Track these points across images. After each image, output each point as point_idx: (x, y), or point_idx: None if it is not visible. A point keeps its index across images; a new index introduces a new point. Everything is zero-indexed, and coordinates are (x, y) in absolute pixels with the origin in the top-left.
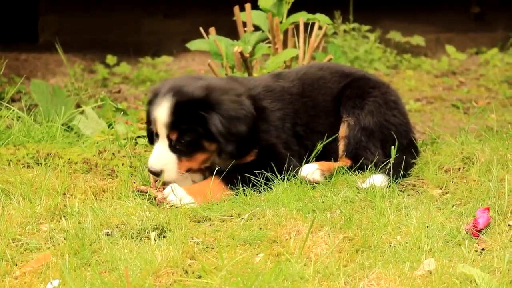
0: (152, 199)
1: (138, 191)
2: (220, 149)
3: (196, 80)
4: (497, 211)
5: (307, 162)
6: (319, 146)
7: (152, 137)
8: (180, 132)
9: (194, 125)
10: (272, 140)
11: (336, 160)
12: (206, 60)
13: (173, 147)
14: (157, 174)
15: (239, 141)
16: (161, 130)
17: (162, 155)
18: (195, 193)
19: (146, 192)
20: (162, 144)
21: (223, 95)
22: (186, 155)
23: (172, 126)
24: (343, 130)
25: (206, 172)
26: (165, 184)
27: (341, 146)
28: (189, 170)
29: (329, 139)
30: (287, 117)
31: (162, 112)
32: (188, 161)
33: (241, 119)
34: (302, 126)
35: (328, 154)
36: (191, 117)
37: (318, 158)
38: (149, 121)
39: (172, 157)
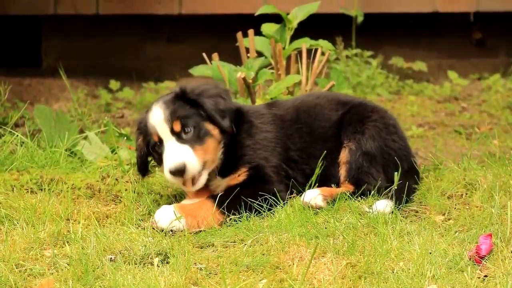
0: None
1: None
2: (220, 128)
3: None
4: (500, 237)
5: (309, 188)
6: (317, 171)
7: (145, 165)
8: (182, 120)
9: (190, 110)
10: (260, 161)
11: (336, 186)
12: None
13: (181, 140)
14: (181, 171)
15: (232, 120)
16: (164, 128)
17: (176, 151)
18: (187, 212)
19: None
20: (170, 143)
21: (195, 84)
22: (197, 142)
23: (172, 117)
24: (344, 156)
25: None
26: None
27: (343, 171)
28: (205, 164)
29: (320, 159)
30: (278, 141)
31: (157, 114)
32: (202, 149)
33: (221, 95)
34: (296, 151)
35: (328, 179)
36: (183, 105)
37: (318, 184)
38: (148, 143)
39: (186, 148)
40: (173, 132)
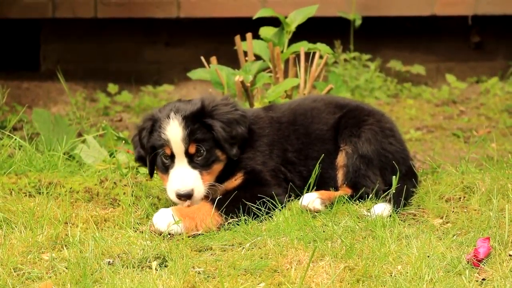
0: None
1: None
2: (227, 154)
3: (187, 100)
4: (498, 240)
5: (307, 191)
6: (315, 174)
7: (153, 167)
8: (197, 143)
9: (206, 134)
10: (256, 166)
11: (334, 188)
12: (207, 89)
13: (193, 163)
14: (189, 195)
15: (240, 145)
16: (179, 148)
17: (186, 175)
18: (185, 214)
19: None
20: (181, 164)
21: (215, 100)
22: (206, 168)
23: (189, 139)
24: (341, 159)
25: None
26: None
27: (340, 175)
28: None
29: (317, 163)
30: (276, 143)
31: (175, 130)
32: (208, 175)
33: (238, 121)
34: (294, 152)
35: (326, 182)
36: (200, 127)
37: (316, 187)
38: (155, 146)
39: (196, 174)
40: (187, 153)
